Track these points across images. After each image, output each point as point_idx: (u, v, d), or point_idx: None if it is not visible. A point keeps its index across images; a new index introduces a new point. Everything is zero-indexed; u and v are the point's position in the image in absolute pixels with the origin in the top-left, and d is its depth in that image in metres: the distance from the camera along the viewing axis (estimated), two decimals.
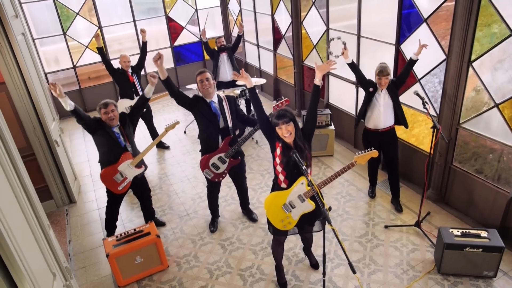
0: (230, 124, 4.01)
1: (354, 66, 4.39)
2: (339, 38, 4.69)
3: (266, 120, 3.22)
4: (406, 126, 4.38)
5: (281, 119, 2.96)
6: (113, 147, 3.92)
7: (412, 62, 4.14)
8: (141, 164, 4.12)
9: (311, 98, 3.19)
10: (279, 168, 3.14)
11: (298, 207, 3.18)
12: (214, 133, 4.00)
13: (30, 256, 2.19)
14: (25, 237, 2.27)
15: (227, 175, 4.24)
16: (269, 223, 3.36)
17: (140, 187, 4.30)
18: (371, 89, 4.26)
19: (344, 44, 4.36)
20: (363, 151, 3.03)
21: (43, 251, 2.51)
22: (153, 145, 4.16)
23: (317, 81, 3.11)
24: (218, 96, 4.02)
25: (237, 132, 4.24)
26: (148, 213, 4.54)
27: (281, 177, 3.16)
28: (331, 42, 4.47)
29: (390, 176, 4.60)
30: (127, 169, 4.00)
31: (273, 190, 3.32)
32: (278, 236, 3.44)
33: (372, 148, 3.04)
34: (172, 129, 4.22)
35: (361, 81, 4.37)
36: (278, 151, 3.11)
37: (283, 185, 3.18)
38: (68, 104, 3.63)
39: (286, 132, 2.97)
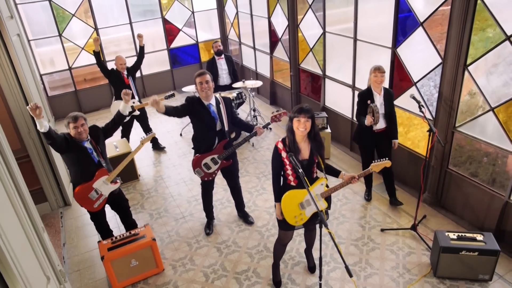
0: (226, 127, 4.01)
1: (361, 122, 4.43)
2: None
3: None
4: (393, 138, 4.43)
5: (303, 113, 3.01)
6: (86, 164, 3.70)
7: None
8: (116, 179, 3.91)
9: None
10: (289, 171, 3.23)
11: (313, 205, 3.24)
12: (210, 135, 4.00)
13: (23, 259, 2.16)
14: (19, 239, 2.25)
15: (221, 174, 4.26)
16: (280, 218, 3.38)
17: (117, 200, 4.08)
18: (368, 102, 4.26)
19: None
20: (379, 160, 3.20)
21: (37, 254, 2.48)
22: (128, 160, 3.93)
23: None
24: (216, 99, 4.00)
25: (233, 135, 4.24)
26: (129, 225, 4.28)
27: (291, 178, 3.24)
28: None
29: (385, 177, 4.63)
30: (103, 186, 3.80)
31: (285, 188, 3.30)
32: (286, 231, 3.44)
33: (387, 158, 3.20)
34: (147, 142, 4.11)
35: (361, 107, 4.38)
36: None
37: (293, 184, 3.24)
38: (43, 126, 3.37)
39: (303, 126, 3.02)
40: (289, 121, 3.12)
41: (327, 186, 3.24)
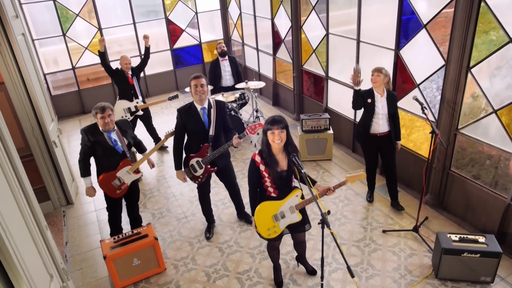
0: (212, 132, 3.95)
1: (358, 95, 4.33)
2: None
3: None
4: (396, 139, 4.41)
5: (276, 124, 2.94)
6: (111, 155, 3.88)
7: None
8: (138, 169, 4.11)
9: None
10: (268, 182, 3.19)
11: (287, 217, 3.25)
12: (199, 138, 3.97)
13: (27, 257, 2.18)
14: (23, 237, 2.27)
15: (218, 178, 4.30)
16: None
17: (133, 189, 4.20)
18: (369, 100, 4.26)
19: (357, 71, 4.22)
20: (354, 171, 3.06)
21: (40, 252, 2.50)
22: (153, 151, 4.17)
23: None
24: (209, 103, 3.95)
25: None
26: (134, 219, 4.39)
27: (271, 189, 3.21)
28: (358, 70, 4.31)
29: (388, 179, 4.63)
30: (126, 175, 3.98)
31: (261, 199, 3.27)
32: (272, 242, 3.46)
33: (361, 170, 3.07)
34: (172, 136, 4.17)
35: (357, 101, 4.32)
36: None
37: (273, 195, 3.21)
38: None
39: (278, 138, 2.95)
40: (263, 135, 3.04)
41: (302, 197, 3.19)
